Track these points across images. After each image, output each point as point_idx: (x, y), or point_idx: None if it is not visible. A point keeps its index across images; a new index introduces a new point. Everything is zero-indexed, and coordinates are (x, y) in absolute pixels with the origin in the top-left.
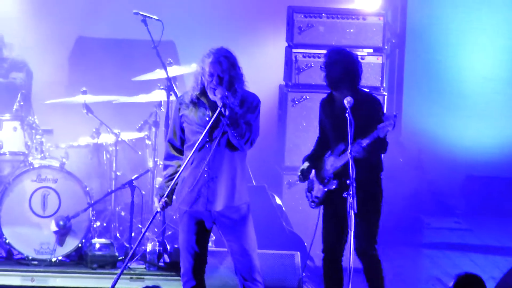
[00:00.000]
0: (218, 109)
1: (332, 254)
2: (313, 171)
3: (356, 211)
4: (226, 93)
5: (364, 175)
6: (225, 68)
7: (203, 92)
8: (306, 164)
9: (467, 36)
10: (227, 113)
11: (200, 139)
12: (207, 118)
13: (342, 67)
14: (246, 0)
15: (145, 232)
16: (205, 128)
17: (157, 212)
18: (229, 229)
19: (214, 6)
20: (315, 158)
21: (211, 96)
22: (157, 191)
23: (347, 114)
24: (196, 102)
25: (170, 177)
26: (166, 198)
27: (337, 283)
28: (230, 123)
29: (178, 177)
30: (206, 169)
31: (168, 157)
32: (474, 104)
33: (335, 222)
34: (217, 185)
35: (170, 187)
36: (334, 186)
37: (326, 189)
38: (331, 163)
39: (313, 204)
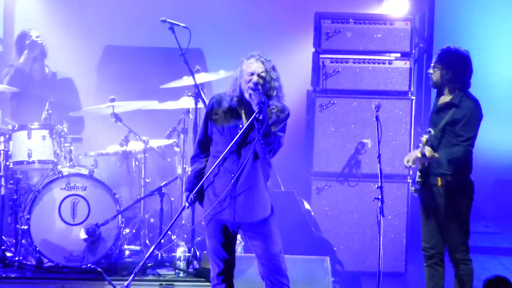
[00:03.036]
0: (254, 114)
1: (429, 250)
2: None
3: (384, 215)
4: (263, 99)
5: (448, 178)
6: (266, 69)
7: (241, 99)
8: (414, 153)
9: (494, 40)
10: (261, 117)
11: (229, 146)
12: (239, 130)
13: (443, 68)
14: (273, 7)
15: (172, 224)
16: (235, 137)
17: (184, 206)
18: (253, 233)
19: (242, 13)
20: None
21: (246, 96)
22: (186, 186)
23: (375, 118)
24: (233, 109)
25: (199, 172)
26: (194, 194)
27: (436, 281)
28: (263, 129)
29: (205, 179)
30: (233, 181)
31: (197, 153)
32: (502, 108)
33: (427, 219)
34: (245, 198)
35: (200, 183)
36: (417, 185)
37: (413, 185)
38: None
39: (413, 193)
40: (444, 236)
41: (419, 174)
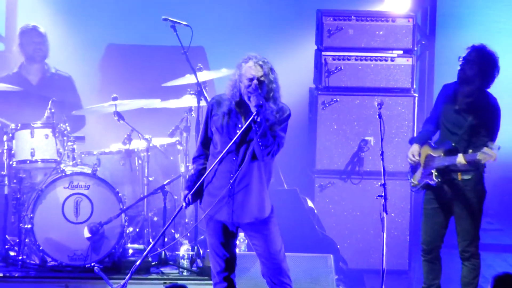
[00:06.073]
0: (252, 116)
1: (429, 244)
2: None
3: (387, 213)
4: (261, 102)
5: (470, 174)
6: (265, 72)
7: (240, 101)
8: (417, 148)
9: (497, 37)
10: (259, 119)
11: (228, 147)
12: (238, 131)
13: (478, 66)
14: (275, 5)
15: (169, 225)
16: (235, 137)
17: (181, 207)
18: (253, 232)
19: (243, 11)
20: (423, 141)
21: (246, 99)
22: (186, 184)
23: (377, 116)
24: (232, 110)
25: (200, 172)
26: (190, 196)
27: (436, 274)
28: (260, 131)
29: (203, 179)
30: (231, 181)
31: (200, 153)
32: (505, 105)
33: (435, 213)
34: (242, 198)
35: (197, 184)
36: (434, 183)
37: (426, 181)
38: (437, 157)
39: (413, 188)
40: (460, 230)
41: (436, 173)
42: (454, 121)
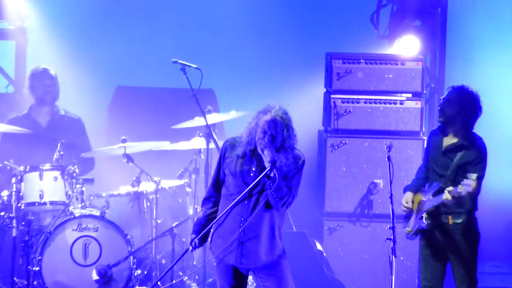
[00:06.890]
0: (265, 170)
1: None
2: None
3: (396, 256)
4: (275, 158)
5: (461, 217)
6: (280, 129)
7: (254, 149)
8: (410, 195)
9: (505, 80)
10: (272, 175)
11: (239, 196)
12: (251, 174)
13: (458, 106)
14: (284, 48)
15: (174, 264)
16: (247, 182)
17: (187, 249)
18: (265, 275)
19: (253, 54)
20: (416, 188)
21: (259, 150)
22: (194, 228)
23: (387, 158)
24: (245, 154)
25: (209, 216)
26: (197, 240)
27: None
28: (274, 186)
29: (213, 224)
30: (242, 224)
31: (210, 195)
32: None
33: (431, 259)
34: (251, 245)
35: (206, 229)
36: (424, 225)
37: (418, 226)
38: (427, 200)
39: (407, 235)
40: (457, 276)
41: (426, 216)
42: (441, 164)
